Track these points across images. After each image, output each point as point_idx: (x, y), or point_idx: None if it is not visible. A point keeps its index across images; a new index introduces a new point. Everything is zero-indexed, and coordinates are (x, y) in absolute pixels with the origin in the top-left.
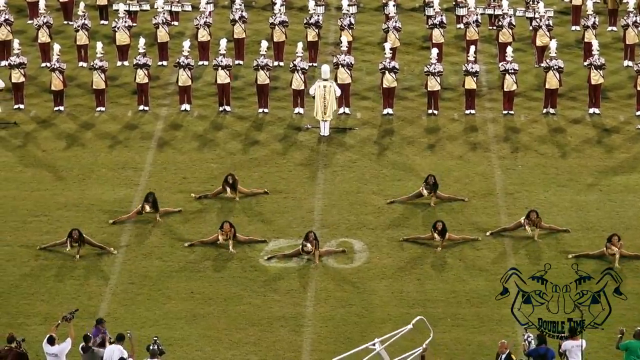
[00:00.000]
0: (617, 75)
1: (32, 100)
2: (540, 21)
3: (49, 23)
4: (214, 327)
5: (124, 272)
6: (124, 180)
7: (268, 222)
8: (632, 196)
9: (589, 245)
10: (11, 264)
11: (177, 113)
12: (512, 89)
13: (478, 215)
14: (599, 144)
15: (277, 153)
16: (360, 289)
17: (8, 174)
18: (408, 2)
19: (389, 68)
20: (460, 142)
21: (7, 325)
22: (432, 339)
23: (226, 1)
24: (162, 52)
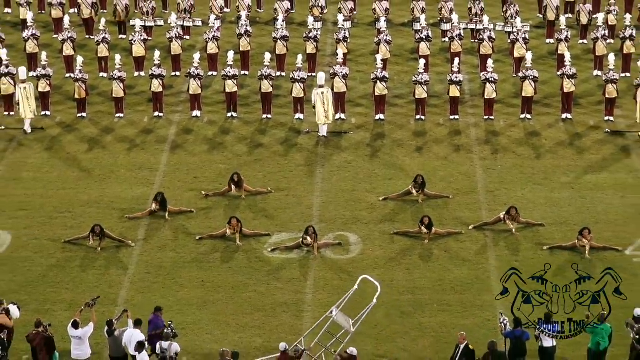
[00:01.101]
0: (587, 83)
1: (58, 107)
2: (518, 35)
3: (72, 37)
4: (223, 313)
5: (141, 263)
6: (140, 180)
7: (271, 218)
8: (601, 193)
9: (562, 238)
10: (39, 256)
11: (189, 119)
12: (492, 97)
13: (461, 210)
14: (571, 146)
15: (280, 155)
16: (355, 277)
17: (36, 174)
18: (398, 18)
19: (380, 77)
20: (445, 144)
21: (36, 311)
22: (380, 293)
23: (233, 17)
24: (175, 63)
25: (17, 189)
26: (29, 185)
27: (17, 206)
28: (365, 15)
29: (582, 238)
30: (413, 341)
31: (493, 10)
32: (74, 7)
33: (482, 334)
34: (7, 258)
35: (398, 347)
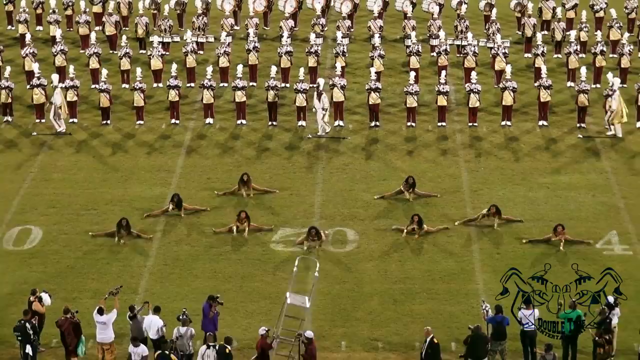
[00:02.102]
0: (561, 94)
1: (84, 115)
2: (498, 50)
3: (98, 52)
4: (233, 300)
5: (159, 256)
6: (159, 181)
7: (277, 214)
8: (574, 193)
9: (539, 232)
10: (67, 249)
11: (202, 125)
12: (476, 106)
13: (448, 208)
14: (547, 150)
15: (284, 158)
16: (352, 269)
17: (65, 175)
18: (391, 35)
19: (374, 88)
20: (433, 148)
21: (64, 299)
22: (319, 267)
23: (242, 34)
24: (190, 75)
25: (47, 189)
26: (58, 185)
27: (48, 204)
28: (362, 32)
29: (557, 234)
30: (404, 326)
31: (476, 28)
32: (99, 25)
33: (467, 319)
34: (39, 251)
35: (391, 332)
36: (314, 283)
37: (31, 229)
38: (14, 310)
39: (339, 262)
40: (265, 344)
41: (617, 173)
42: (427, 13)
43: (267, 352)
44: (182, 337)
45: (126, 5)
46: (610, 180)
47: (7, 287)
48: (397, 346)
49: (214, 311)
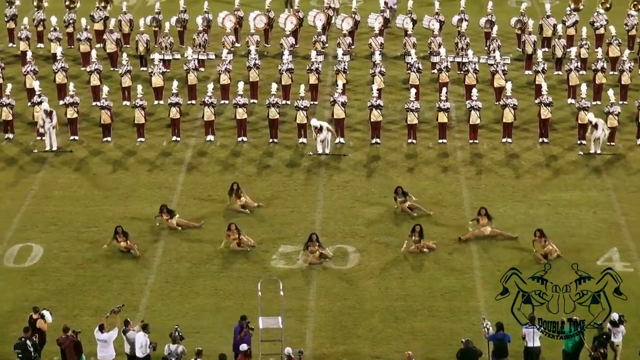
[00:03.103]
0: (562, 111)
1: (85, 132)
2: (497, 67)
3: (99, 69)
4: (234, 317)
5: (160, 273)
6: (160, 198)
7: (277, 231)
8: (575, 210)
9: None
10: (68, 266)
11: (203, 143)
12: (476, 123)
13: (449, 224)
14: (548, 167)
15: (285, 175)
16: (353, 286)
17: (65, 192)
18: (391, 52)
19: (375, 105)
20: (434, 165)
21: (65, 316)
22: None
23: (243, 51)
24: (191, 92)
25: (48, 206)
26: (59, 202)
27: (49, 221)
28: (362, 49)
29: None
30: (406, 344)
31: (477, 45)
32: (100, 42)
33: (468, 336)
34: (40, 269)
35: (392, 349)
36: (282, 301)
37: (32, 246)
38: (15, 328)
39: (340, 279)
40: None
41: (618, 190)
42: (427, 30)
43: None
44: (171, 354)
45: (127, 22)
46: (611, 197)
47: (8, 304)
48: None
49: (246, 331)
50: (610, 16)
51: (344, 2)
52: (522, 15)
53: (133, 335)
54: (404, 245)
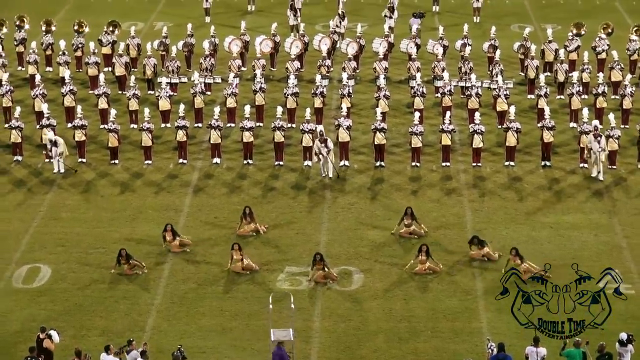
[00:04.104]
0: (564, 134)
1: (92, 155)
2: (499, 91)
3: (107, 93)
4: (240, 338)
5: (166, 294)
6: (166, 220)
7: (283, 253)
8: (577, 232)
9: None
10: (75, 287)
11: (210, 165)
12: (479, 146)
13: (453, 246)
14: (550, 190)
15: (290, 197)
16: (357, 307)
17: (73, 214)
18: (395, 76)
19: (379, 128)
20: (437, 188)
21: (73, 336)
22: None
23: (249, 75)
24: (198, 116)
25: (56, 227)
26: (67, 224)
27: (57, 242)
28: (367, 74)
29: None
30: None
31: (480, 69)
32: (108, 66)
33: (471, 357)
34: (48, 289)
35: None
36: (293, 314)
37: (40, 267)
38: (23, 348)
39: (345, 301)
40: None
41: (619, 213)
42: (431, 54)
43: None
44: None
45: (135, 46)
46: (612, 220)
47: (16, 324)
48: None
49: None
50: (612, 41)
51: (349, 27)
52: (525, 40)
53: (134, 356)
54: (409, 265)
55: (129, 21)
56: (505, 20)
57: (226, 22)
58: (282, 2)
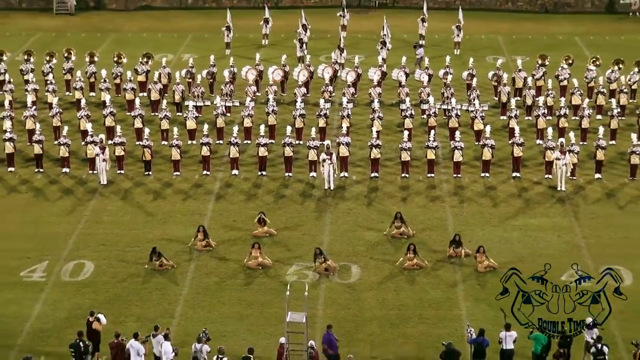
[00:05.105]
0: (531, 150)
1: (129, 167)
2: (476, 113)
3: (141, 114)
4: (255, 324)
5: (192, 286)
6: (192, 222)
7: (292, 251)
8: (542, 233)
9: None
10: (115, 280)
11: (229, 176)
12: (459, 160)
13: (437, 246)
14: (519, 197)
15: (298, 204)
16: (355, 297)
17: (113, 218)
18: (388, 100)
19: (374, 145)
20: (423, 196)
21: (112, 322)
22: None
23: (263, 99)
24: (219, 134)
25: (98, 229)
26: (107, 226)
27: (99, 242)
28: (363, 98)
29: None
30: (399, 346)
31: (460, 94)
32: (143, 91)
33: (452, 340)
34: (91, 282)
35: (388, 351)
36: (305, 301)
37: (84, 263)
38: (70, 332)
39: (344, 292)
40: (282, 353)
41: (578, 217)
42: (418, 82)
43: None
44: (197, 353)
45: (166, 75)
46: (572, 223)
47: (64, 312)
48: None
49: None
50: (572, 70)
51: (348, 58)
52: (498, 70)
53: (159, 340)
54: (399, 261)
55: (160, 53)
56: (481, 52)
57: (243, 54)
58: (291, 37)
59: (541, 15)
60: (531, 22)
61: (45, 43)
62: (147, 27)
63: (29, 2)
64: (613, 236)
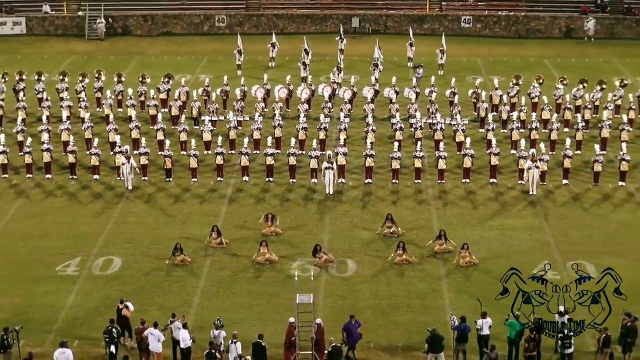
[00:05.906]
0: (506, 159)
1: (153, 174)
2: (458, 127)
3: (163, 128)
4: (263, 312)
5: (208, 278)
6: (208, 223)
7: (295, 247)
8: (516, 232)
9: (492, 264)
10: (140, 273)
11: (240, 182)
12: (443, 167)
13: (422, 243)
14: (496, 201)
15: (301, 206)
16: (351, 289)
17: (138, 219)
18: (380, 115)
19: (369, 154)
20: (411, 199)
21: (138, 310)
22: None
23: (270, 114)
24: (232, 145)
25: (125, 229)
26: (133, 226)
27: (125, 240)
28: (359, 113)
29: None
30: (390, 332)
31: (443, 110)
32: (165, 108)
33: (436, 326)
34: (118, 275)
35: (380, 336)
36: (311, 284)
37: (113, 259)
38: (100, 320)
39: (341, 284)
40: (292, 330)
41: (548, 218)
42: (406, 99)
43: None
44: (214, 338)
45: (184, 93)
46: (543, 223)
47: (95, 302)
48: (384, 347)
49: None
50: (543, 89)
51: (345, 78)
52: (477, 88)
53: (177, 325)
54: (390, 257)
55: (180, 74)
56: (462, 73)
57: (253, 74)
58: (295, 60)
59: (515, 40)
60: (506, 46)
61: (78, 65)
62: (168, 50)
63: (64, 29)
64: (579, 235)
